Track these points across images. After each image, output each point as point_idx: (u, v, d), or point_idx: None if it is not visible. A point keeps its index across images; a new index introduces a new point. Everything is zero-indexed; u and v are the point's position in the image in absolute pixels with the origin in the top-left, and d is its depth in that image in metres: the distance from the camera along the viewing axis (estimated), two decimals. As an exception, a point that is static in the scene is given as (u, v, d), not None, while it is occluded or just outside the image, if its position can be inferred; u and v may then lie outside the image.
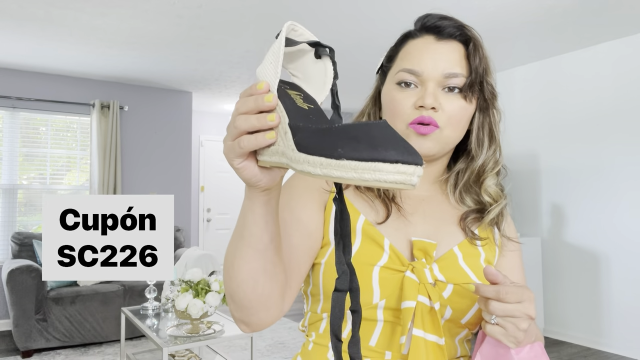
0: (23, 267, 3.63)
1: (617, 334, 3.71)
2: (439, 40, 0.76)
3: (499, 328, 0.61)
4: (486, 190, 0.81)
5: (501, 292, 0.60)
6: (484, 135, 0.82)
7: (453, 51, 0.75)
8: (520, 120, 4.43)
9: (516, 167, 4.44)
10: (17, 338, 3.58)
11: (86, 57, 4.19)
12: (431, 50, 0.75)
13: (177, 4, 3.11)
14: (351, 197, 0.77)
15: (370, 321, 0.72)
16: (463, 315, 0.73)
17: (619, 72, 3.73)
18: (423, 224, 0.78)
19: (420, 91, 0.74)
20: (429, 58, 0.74)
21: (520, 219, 4.37)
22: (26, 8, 3.16)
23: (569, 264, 4.02)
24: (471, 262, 0.76)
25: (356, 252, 0.71)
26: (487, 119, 0.82)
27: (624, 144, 3.68)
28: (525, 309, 0.60)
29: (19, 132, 4.63)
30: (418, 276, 0.71)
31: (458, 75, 0.74)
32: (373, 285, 0.70)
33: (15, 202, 4.57)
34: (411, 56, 0.76)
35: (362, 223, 0.74)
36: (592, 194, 3.88)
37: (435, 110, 0.73)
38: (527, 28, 3.51)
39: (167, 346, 2.34)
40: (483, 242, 0.79)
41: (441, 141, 0.75)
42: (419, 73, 0.74)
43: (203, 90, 5.44)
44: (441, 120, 0.73)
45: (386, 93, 0.78)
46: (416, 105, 0.73)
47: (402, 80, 0.75)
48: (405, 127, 0.74)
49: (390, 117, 0.76)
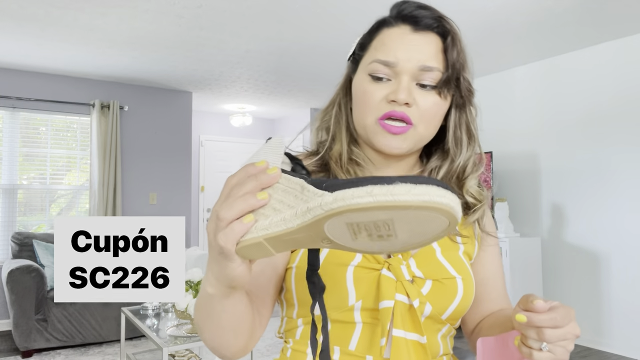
0: (23, 267, 3.63)
1: (617, 334, 3.71)
2: (415, 31, 0.71)
3: (549, 355, 0.56)
4: (468, 191, 0.77)
5: (557, 320, 0.55)
6: (461, 133, 0.77)
7: (430, 43, 0.71)
8: (520, 120, 4.43)
9: (516, 167, 4.44)
10: (17, 338, 3.58)
11: (86, 57, 4.19)
12: (407, 41, 0.71)
13: (177, 4, 3.11)
14: None
15: (347, 324, 0.69)
16: (443, 310, 0.70)
17: (619, 72, 3.73)
18: None
19: (394, 84, 0.70)
20: (404, 49, 0.70)
21: (520, 219, 4.37)
22: (26, 8, 3.16)
23: (569, 264, 4.02)
24: (449, 255, 0.73)
25: (327, 254, 0.68)
26: (463, 116, 0.77)
27: (624, 144, 3.68)
28: (574, 329, 0.57)
29: (19, 132, 4.63)
30: (395, 273, 0.68)
31: (434, 70, 0.70)
32: (348, 286, 0.67)
33: (15, 202, 4.57)
34: (385, 46, 0.71)
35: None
36: (592, 194, 3.88)
37: (409, 105, 0.69)
38: (527, 28, 3.51)
39: (167, 346, 2.34)
40: (464, 239, 0.76)
41: (414, 139, 0.71)
42: (392, 64, 0.70)
43: (203, 90, 5.44)
44: (414, 116, 0.69)
45: (358, 84, 0.74)
46: (388, 99, 0.69)
47: (374, 71, 0.71)
48: (375, 122, 0.70)
49: (360, 110, 0.72)
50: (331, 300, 0.67)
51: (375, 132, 0.71)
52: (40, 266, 3.87)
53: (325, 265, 0.67)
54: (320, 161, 0.77)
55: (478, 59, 4.25)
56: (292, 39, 3.70)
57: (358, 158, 0.75)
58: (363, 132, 0.73)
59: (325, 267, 0.67)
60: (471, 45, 3.21)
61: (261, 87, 5.22)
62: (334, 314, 0.68)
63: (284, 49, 3.93)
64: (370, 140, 0.72)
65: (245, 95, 5.65)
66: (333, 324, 0.69)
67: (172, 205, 5.30)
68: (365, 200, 0.42)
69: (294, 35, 3.64)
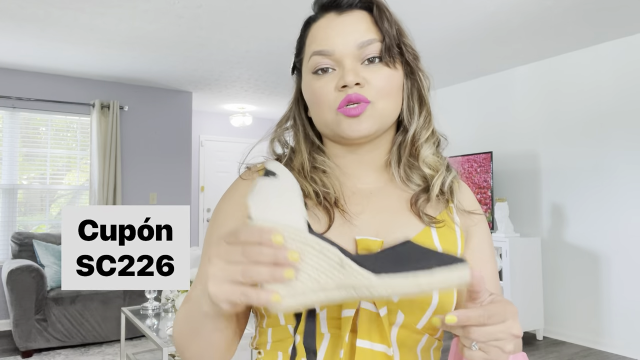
0: (23, 267, 3.63)
1: (617, 334, 3.71)
2: (340, 14, 0.70)
3: (480, 354, 0.52)
4: (424, 161, 0.73)
5: (484, 317, 0.51)
6: (413, 102, 0.74)
7: (359, 20, 0.69)
8: (520, 120, 4.43)
9: (516, 167, 4.44)
10: (17, 338, 3.58)
11: (86, 57, 4.19)
12: (336, 26, 0.69)
13: (177, 4, 3.11)
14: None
15: (317, 335, 0.65)
16: (418, 319, 0.64)
17: (619, 72, 3.73)
18: (371, 222, 0.70)
19: (339, 72, 0.67)
20: (336, 34, 0.68)
21: (520, 219, 4.37)
22: (26, 8, 3.16)
23: (569, 264, 4.02)
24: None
25: None
26: (415, 84, 0.74)
27: (624, 144, 3.68)
28: (510, 328, 0.52)
29: (19, 132, 4.63)
30: None
31: (373, 42, 0.68)
32: None
33: (15, 202, 4.57)
34: (317, 38, 0.70)
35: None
36: (592, 194, 3.88)
37: (361, 85, 0.66)
38: (527, 28, 3.51)
39: (167, 346, 2.34)
40: (439, 224, 0.70)
41: (377, 116, 0.68)
42: (330, 52, 0.67)
43: (203, 90, 5.44)
44: (370, 94, 0.67)
45: (306, 87, 0.72)
46: (338, 87, 0.67)
47: (315, 65, 0.69)
48: (335, 113, 0.68)
49: (316, 109, 0.70)
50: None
51: (337, 122, 0.68)
52: (40, 266, 3.86)
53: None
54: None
55: (478, 59, 4.25)
56: (292, 39, 3.68)
57: (322, 165, 0.73)
58: (327, 129, 0.71)
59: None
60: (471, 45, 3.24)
61: (261, 87, 5.22)
62: (299, 325, 0.65)
63: (284, 49, 3.93)
64: (336, 132, 0.69)
65: (245, 95, 5.65)
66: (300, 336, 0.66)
67: (172, 205, 5.29)
68: (412, 290, 0.47)
69: (293, 36, 3.63)
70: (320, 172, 0.72)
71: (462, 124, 4.98)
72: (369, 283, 0.46)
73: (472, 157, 4.46)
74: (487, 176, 4.30)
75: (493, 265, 0.75)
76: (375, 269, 0.46)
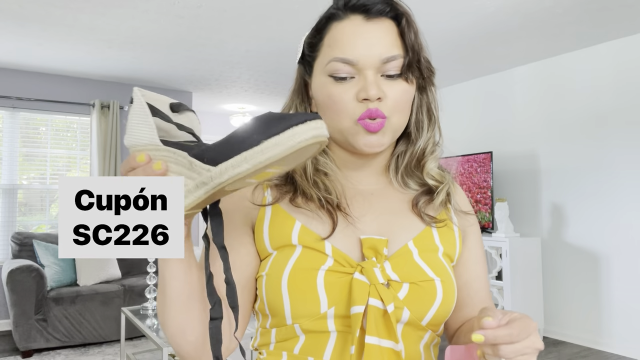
0: (23, 267, 3.63)
1: (617, 334, 3.71)
2: (368, 20, 0.67)
3: None
4: (428, 173, 0.76)
5: (512, 335, 0.53)
6: (423, 115, 0.76)
7: (386, 31, 0.67)
8: (520, 120, 4.43)
9: (516, 167, 4.44)
10: (17, 338, 3.58)
11: (86, 57, 4.19)
12: (362, 34, 0.66)
13: (177, 4, 3.11)
14: (287, 208, 0.70)
15: (321, 333, 0.65)
16: (423, 316, 0.67)
17: (618, 72, 3.73)
18: (374, 222, 0.72)
19: (359, 81, 0.67)
20: (362, 44, 0.66)
21: (520, 219, 4.37)
22: (26, 8, 3.16)
23: (569, 264, 4.02)
24: (428, 257, 0.70)
25: (296, 260, 0.65)
26: (425, 98, 0.75)
27: (624, 144, 3.68)
28: (534, 343, 0.55)
29: (19, 132, 4.63)
30: (368, 277, 0.64)
31: (396, 58, 0.67)
32: (319, 291, 0.63)
33: (15, 202, 4.57)
34: (340, 43, 0.67)
35: (297, 230, 0.68)
36: (592, 194, 3.88)
37: (381, 100, 0.66)
38: (527, 28, 3.51)
39: (167, 346, 2.34)
40: (441, 224, 0.73)
41: (391, 130, 0.69)
42: (353, 62, 0.66)
43: (203, 90, 5.44)
44: (386, 109, 0.67)
45: (319, 88, 0.70)
46: (359, 98, 0.66)
47: (335, 71, 0.67)
48: (354, 123, 0.67)
49: (331, 114, 0.69)
50: (302, 308, 0.64)
51: (355, 133, 0.68)
52: (40, 266, 3.86)
53: (294, 271, 0.64)
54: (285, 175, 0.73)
55: (478, 59, 4.25)
56: (292, 39, 3.70)
57: (325, 168, 0.73)
58: (340, 136, 0.70)
59: (295, 273, 0.64)
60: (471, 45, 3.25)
61: (261, 87, 5.22)
62: (306, 323, 0.65)
63: (284, 49, 3.93)
64: (350, 142, 0.69)
65: (245, 95, 5.65)
66: (306, 335, 0.66)
67: (172, 205, 5.30)
68: (244, 167, 0.48)
69: (294, 36, 3.64)
70: (322, 175, 0.72)
71: (462, 124, 4.98)
72: (211, 174, 0.50)
73: (472, 157, 4.46)
74: (487, 176, 4.30)
75: (485, 264, 0.81)
76: (217, 157, 0.49)
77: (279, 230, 0.68)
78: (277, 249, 0.68)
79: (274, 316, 0.67)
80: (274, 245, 0.68)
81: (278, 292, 0.64)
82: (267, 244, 0.69)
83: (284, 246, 0.67)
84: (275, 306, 0.66)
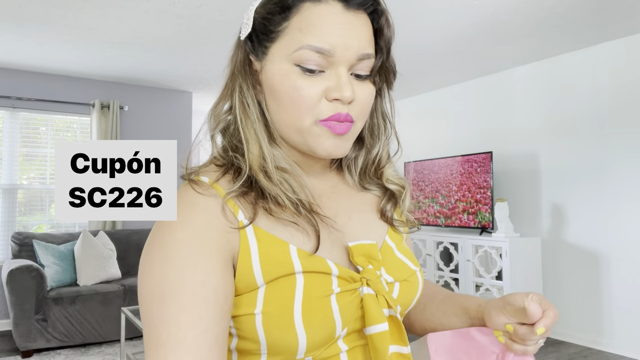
0: (23, 267, 3.63)
1: (617, 334, 3.71)
2: (347, 10, 0.59)
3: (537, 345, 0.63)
4: (388, 179, 0.72)
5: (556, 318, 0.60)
6: (378, 121, 0.70)
7: (365, 27, 0.60)
8: (520, 120, 4.43)
9: (516, 167, 4.44)
10: (17, 338, 3.58)
11: (86, 57, 4.19)
12: (342, 24, 0.58)
13: (177, 4, 3.11)
14: (267, 227, 0.59)
15: (333, 357, 0.60)
16: (406, 308, 0.67)
17: (619, 72, 3.73)
18: (348, 224, 0.66)
19: (329, 77, 0.58)
20: (340, 34, 0.57)
21: (520, 219, 4.37)
22: (26, 8, 3.16)
23: (569, 264, 4.02)
24: (402, 249, 0.69)
25: (304, 288, 0.57)
26: (380, 101, 0.69)
27: (624, 144, 3.68)
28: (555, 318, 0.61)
29: (19, 132, 4.63)
30: (374, 288, 0.60)
31: (370, 57, 0.60)
32: (335, 317, 0.58)
33: (15, 202, 4.57)
34: (315, 29, 0.57)
35: (296, 256, 0.58)
36: (592, 194, 3.88)
37: (350, 103, 0.60)
38: (527, 28, 3.51)
39: (167, 346, 2.34)
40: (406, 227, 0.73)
41: (354, 135, 0.63)
42: (329, 53, 0.57)
43: (203, 90, 5.44)
44: (355, 112, 0.60)
45: (280, 76, 0.59)
46: (329, 97, 0.58)
47: (305, 61, 0.58)
48: (314, 124, 0.59)
49: (292, 109, 0.59)
50: (320, 339, 0.57)
51: (316, 135, 0.60)
52: (40, 266, 3.86)
53: (307, 301, 0.56)
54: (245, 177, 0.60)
55: (478, 59, 4.25)
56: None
57: (282, 162, 0.63)
58: (295, 134, 0.61)
59: (309, 304, 0.56)
60: (471, 45, 3.26)
61: (261, 87, 5.22)
62: (320, 353, 0.59)
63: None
64: (308, 144, 0.61)
65: (245, 95, 5.64)
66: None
67: (172, 205, 5.30)
68: None
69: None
70: (282, 171, 0.62)
71: (462, 124, 4.98)
72: None
73: (472, 157, 4.46)
74: (487, 176, 4.30)
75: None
76: None
77: (275, 261, 0.57)
78: (271, 281, 0.57)
79: (277, 354, 0.57)
80: (267, 278, 0.57)
81: (289, 328, 0.55)
82: (258, 276, 0.57)
83: (281, 277, 0.57)
84: (283, 343, 0.56)
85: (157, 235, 0.55)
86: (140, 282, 0.56)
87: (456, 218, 4.58)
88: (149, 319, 0.53)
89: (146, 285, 0.54)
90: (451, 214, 4.64)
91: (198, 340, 0.51)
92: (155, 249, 0.55)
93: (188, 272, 0.53)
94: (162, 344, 0.51)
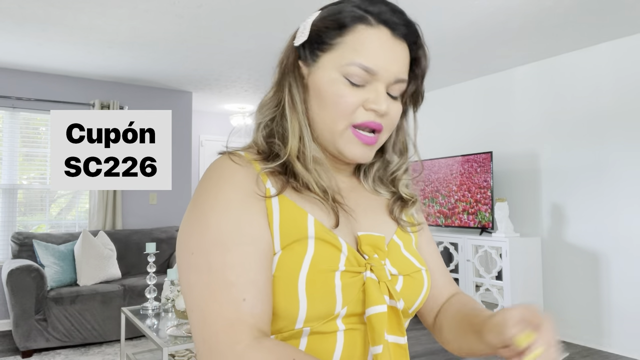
0: (23, 267, 3.63)
1: (617, 334, 3.71)
2: (393, 37, 0.68)
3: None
4: (401, 188, 0.80)
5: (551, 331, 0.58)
6: (401, 138, 0.80)
7: (404, 53, 0.70)
8: (520, 120, 4.43)
9: (516, 167, 4.44)
10: (17, 338, 3.58)
11: (86, 57, 4.19)
12: (389, 49, 0.67)
13: (177, 4, 3.11)
14: (293, 197, 0.67)
15: (330, 334, 0.63)
16: (412, 304, 0.71)
17: (618, 72, 3.73)
18: (363, 218, 0.73)
19: (369, 91, 0.67)
20: (384, 57, 0.67)
21: (520, 219, 4.37)
22: (26, 8, 3.16)
23: (569, 264, 4.02)
24: (410, 249, 0.75)
25: (313, 258, 0.62)
26: (406, 120, 0.79)
27: (624, 144, 3.68)
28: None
29: (19, 132, 4.63)
30: (377, 275, 0.65)
31: (404, 82, 0.70)
32: (336, 293, 0.61)
33: (15, 202, 4.57)
34: (367, 50, 0.66)
35: (312, 224, 0.65)
36: (592, 194, 3.88)
37: (383, 116, 0.69)
38: (527, 28, 3.51)
39: (167, 346, 2.34)
40: (414, 227, 0.79)
41: (378, 145, 0.72)
42: (374, 72, 0.66)
43: (203, 90, 5.44)
44: (384, 124, 0.70)
45: (327, 83, 0.68)
46: (366, 107, 0.67)
47: (352, 75, 0.66)
48: (346, 128, 0.68)
49: (331, 111, 0.68)
50: (319, 311, 0.61)
51: (345, 139, 0.69)
52: (40, 266, 3.86)
53: (312, 273, 0.61)
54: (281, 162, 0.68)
55: (478, 59, 4.25)
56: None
57: (318, 154, 0.70)
58: (328, 136, 0.69)
59: (313, 276, 0.61)
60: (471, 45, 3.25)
61: (261, 87, 5.22)
62: (318, 326, 0.62)
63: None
64: (337, 146, 0.69)
65: (245, 95, 5.65)
66: (311, 336, 0.63)
67: (172, 205, 5.30)
68: None
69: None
70: (316, 163, 0.69)
71: (462, 124, 4.98)
72: None
73: (472, 157, 4.46)
74: (487, 176, 4.30)
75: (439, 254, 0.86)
76: None
77: (292, 225, 0.64)
78: (286, 247, 0.63)
79: (280, 319, 0.62)
80: (283, 243, 0.63)
81: (292, 295, 0.60)
82: (277, 241, 0.63)
83: (295, 242, 0.63)
84: (286, 309, 0.61)
85: (207, 195, 0.64)
86: (191, 235, 0.63)
87: (456, 218, 4.58)
88: (212, 265, 0.59)
89: (202, 237, 0.61)
90: (451, 214, 4.64)
91: (266, 283, 0.60)
92: (207, 206, 0.63)
93: (246, 226, 0.62)
94: (232, 284, 0.58)
